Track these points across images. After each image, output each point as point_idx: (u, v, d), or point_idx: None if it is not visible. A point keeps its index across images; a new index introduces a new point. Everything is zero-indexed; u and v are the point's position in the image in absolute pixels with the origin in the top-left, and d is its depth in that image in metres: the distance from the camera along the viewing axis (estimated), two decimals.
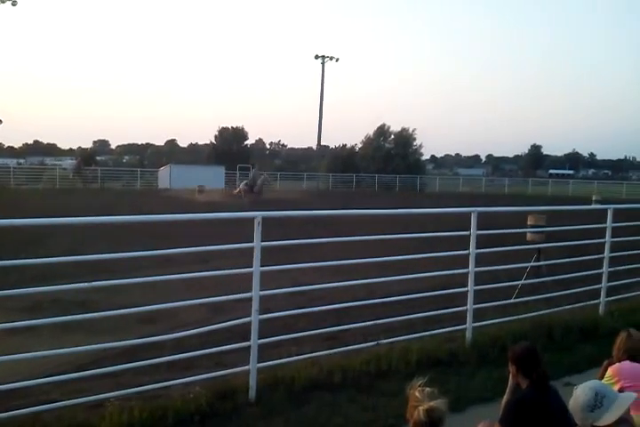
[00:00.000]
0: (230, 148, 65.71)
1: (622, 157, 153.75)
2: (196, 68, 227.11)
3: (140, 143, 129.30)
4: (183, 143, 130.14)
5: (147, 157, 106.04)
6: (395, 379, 5.17)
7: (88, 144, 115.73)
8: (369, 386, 5.25)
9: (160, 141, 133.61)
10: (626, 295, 8.36)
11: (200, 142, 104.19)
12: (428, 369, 5.50)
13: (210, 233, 12.83)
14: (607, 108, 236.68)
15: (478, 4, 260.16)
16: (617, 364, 3.96)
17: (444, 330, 6.45)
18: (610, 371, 3.91)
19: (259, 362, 4.96)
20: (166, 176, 46.02)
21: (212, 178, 43.26)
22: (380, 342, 6.00)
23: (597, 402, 2.49)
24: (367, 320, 6.11)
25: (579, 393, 2.58)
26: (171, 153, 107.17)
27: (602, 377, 3.96)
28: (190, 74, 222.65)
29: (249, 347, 4.89)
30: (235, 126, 68.76)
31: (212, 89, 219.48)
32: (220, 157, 61.05)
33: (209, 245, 5.31)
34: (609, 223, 7.76)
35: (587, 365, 5.74)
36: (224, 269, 5.29)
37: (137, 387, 4.61)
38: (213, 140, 68.95)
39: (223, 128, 68.40)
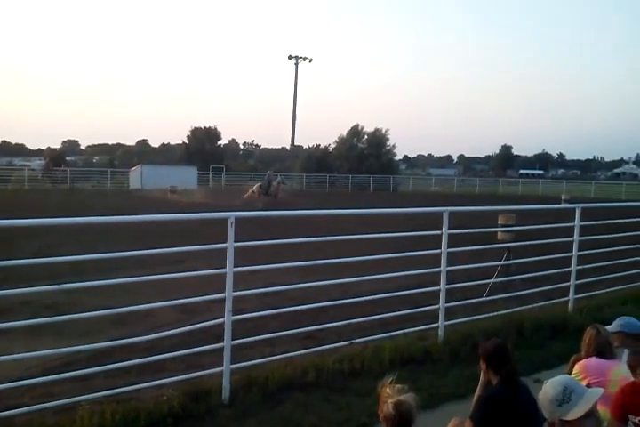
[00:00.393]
0: (203, 148, 65.20)
1: (591, 158, 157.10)
2: (169, 67, 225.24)
3: (110, 143, 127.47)
4: (155, 143, 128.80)
5: (117, 157, 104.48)
6: (368, 378, 5.21)
7: (57, 144, 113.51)
8: (343, 385, 5.28)
9: (131, 141, 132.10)
10: (594, 293, 8.53)
11: (172, 142, 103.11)
12: (401, 367, 5.57)
13: (191, 233, 12.72)
14: (576, 110, 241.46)
15: (451, 5, 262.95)
16: (583, 360, 4.03)
17: (416, 329, 6.51)
18: (577, 367, 3.98)
19: (232, 363, 4.94)
20: (137, 176, 45.47)
21: (185, 178, 42.88)
22: (353, 341, 6.03)
23: (566, 397, 2.53)
24: (341, 320, 6.13)
25: (548, 388, 2.61)
26: (142, 153, 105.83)
27: (570, 373, 4.04)
28: (162, 73, 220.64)
29: (222, 348, 4.87)
30: (207, 126, 68.29)
31: (184, 88, 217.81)
32: (193, 158, 60.56)
33: (184, 245, 5.28)
34: (577, 222, 7.92)
35: (556, 361, 5.84)
36: (198, 270, 5.26)
37: (108, 390, 4.55)
38: (186, 140, 68.29)
39: (196, 128, 67.82)
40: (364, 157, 58.14)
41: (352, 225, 14.14)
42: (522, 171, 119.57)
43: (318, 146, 66.96)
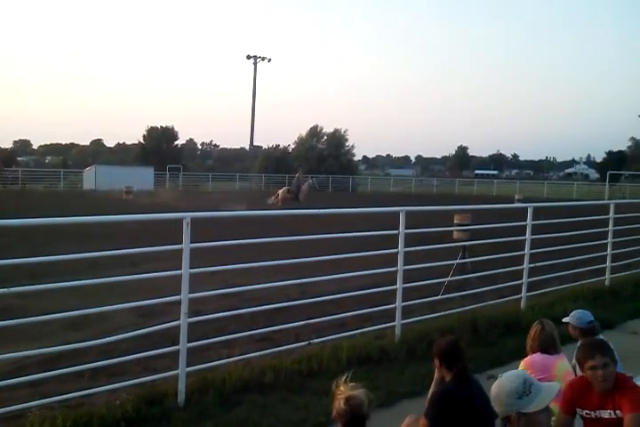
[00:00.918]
0: (160, 148, 64.32)
1: (543, 158, 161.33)
2: (124, 65, 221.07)
3: (63, 143, 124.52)
4: (110, 143, 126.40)
5: (71, 157, 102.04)
6: (326, 377, 5.21)
7: (8, 144, 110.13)
8: (300, 385, 5.28)
9: (85, 141, 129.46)
10: (545, 290, 8.77)
11: (128, 142, 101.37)
12: (358, 367, 5.60)
13: (150, 234, 12.50)
14: (529, 111, 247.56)
15: (410, 7, 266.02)
16: (528, 357, 4.12)
17: (374, 328, 6.56)
18: (522, 364, 4.07)
19: (188, 366, 4.88)
20: (92, 177, 44.46)
21: (141, 179, 42.15)
22: (311, 341, 6.04)
23: (526, 389, 2.51)
24: (299, 320, 6.14)
25: (504, 381, 2.59)
26: (96, 153, 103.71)
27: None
28: (118, 71, 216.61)
29: (178, 351, 4.81)
30: (164, 126, 67.37)
31: (140, 87, 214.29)
32: (149, 158, 59.67)
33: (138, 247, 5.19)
34: (529, 221, 8.12)
35: (509, 357, 5.96)
36: (154, 272, 5.18)
37: (61, 395, 4.44)
38: (142, 140, 67.22)
39: (152, 127, 66.84)
40: (323, 157, 58.32)
41: (311, 225, 14.17)
42: (477, 171, 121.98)
43: (278, 146, 66.95)
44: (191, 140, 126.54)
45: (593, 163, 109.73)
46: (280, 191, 26.30)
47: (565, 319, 4.57)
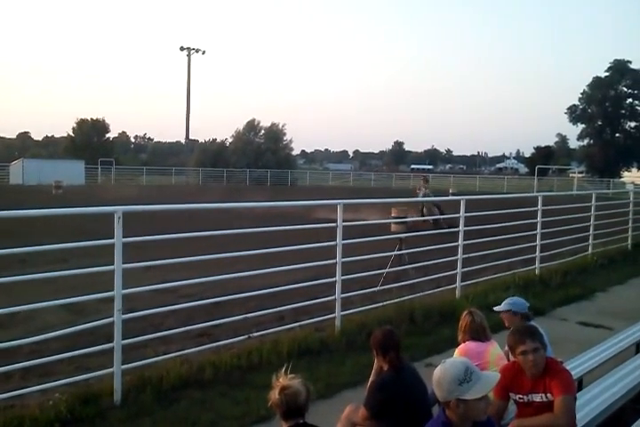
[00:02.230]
0: (90, 141, 62.23)
1: (475, 153, 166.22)
2: (53, 56, 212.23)
3: None
4: (37, 136, 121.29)
5: None
6: (266, 371, 5.16)
7: None
8: (241, 380, 5.23)
9: (11, 134, 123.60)
10: (479, 280, 9.04)
11: (56, 135, 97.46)
12: (299, 359, 5.60)
13: (79, 229, 12.05)
14: (462, 108, 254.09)
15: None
16: (462, 345, 4.21)
17: (314, 320, 6.58)
18: (457, 352, 4.17)
19: (124, 364, 4.75)
20: (19, 171, 42.62)
21: (71, 173, 40.70)
22: (251, 335, 6.00)
23: (467, 376, 2.58)
24: (238, 315, 6.07)
25: (447, 367, 2.64)
26: (23, 147, 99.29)
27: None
28: (46, 60, 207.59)
29: (113, 349, 4.67)
30: (95, 118, 65.18)
31: (69, 78, 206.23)
32: (79, 151, 57.64)
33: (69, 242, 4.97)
34: (462, 213, 8.34)
35: (445, 346, 6.10)
36: (85, 268, 4.99)
37: None
38: (71, 133, 64.80)
39: (82, 120, 64.54)
40: (261, 151, 57.98)
41: (250, 219, 14.04)
42: (413, 166, 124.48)
43: (215, 140, 66.00)
44: (124, 133, 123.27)
45: (522, 158, 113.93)
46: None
47: (499, 308, 4.65)
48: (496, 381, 2.66)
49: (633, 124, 59.91)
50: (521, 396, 3.40)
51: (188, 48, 58.10)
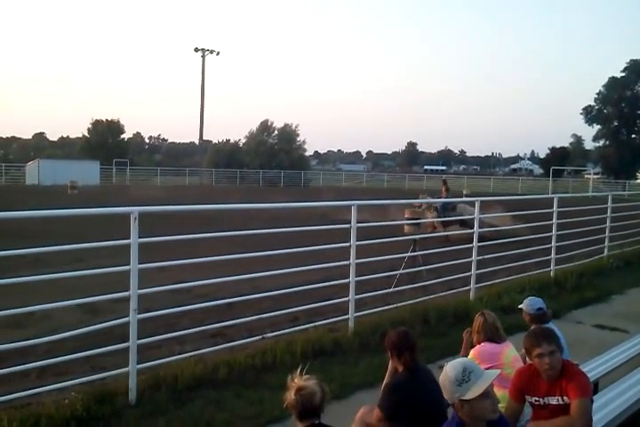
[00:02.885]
0: (105, 141, 62.69)
1: (489, 154, 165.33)
2: (68, 57, 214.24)
3: (4, 137, 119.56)
4: (53, 137, 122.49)
5: (12, 151, 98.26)
6: (280, 371, 5.19)
7: None
8: (255, 380, 5.25)
9: (27, 135, 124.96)
10: (493, 281, 8.99)
11: (72, 136, 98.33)
12: (313, 360, 5.61)
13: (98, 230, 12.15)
14: (476, 108, 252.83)
15: (355, 3, 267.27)
16: (477, 347, 4.20)
17: (327, 321, 6.59)
18: (471, 354, 4.15)
19: (139, 363, 4.78)
20: (34, 172, 43.06)
21: (86, 173, 41.04)
22: (265, 335, 6.02)
23: (465, 377, 2.61)
24: (252, 315, 6.09)
25: (448, 369, 2.69)
26: (39, 147, 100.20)
27: (465, 354, 4.22)
28: (61, 62, 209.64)
29: (128, 348, 4.70)
30: (110, 119, 65.62)
31: (84, 79, 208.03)
32: (94, 152, 58.07)
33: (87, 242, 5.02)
34: (477, 214, 8.30)
35: (459, 348, 6.06)
36: (101, 268, 5.03)
37: (5, 395, 4.27)
38: (86, 134, 65.31)
39: (97, 120, 65.01)
40: (274, 152, 58.09)
41: (264, 220, 14.08)
42: (426, 167, 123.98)
43: (228, 141, 66.25)
44: (138, 133, 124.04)
45: (537, 159, 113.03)
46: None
47: (520, 306, 4.71)
48: (493, 378, 2.65)
49: None
50: (537, 398, 3.38)
51: (203, 49, 58.33)
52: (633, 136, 59.36)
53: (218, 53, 59.29)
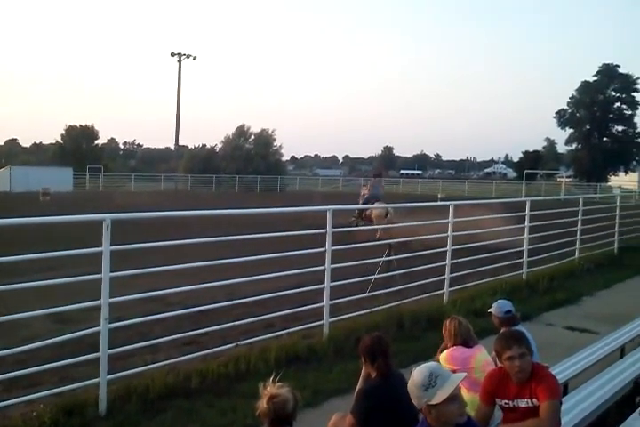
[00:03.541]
0: (79, 147, 61.91)
1: (464, 158, 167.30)
2: (40, 60, 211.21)
3: None
4: (25, 143, 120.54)
5: None
6: (254, 379, 5.13)
7: None
8: (228, 388, 5.21)
9: None
10: (466, 285, 9.07)
11: (45, 142, 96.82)
12: (286, 367, 5.59)
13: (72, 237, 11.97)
14: (451, 113, 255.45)
15: (337, 4, 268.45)
16: (448, 351, 4.23)
17: (302, 327, 6.57)
18: (442, 358, 4.19)
19: (110, 373, 4.72)
20: (5, 179, 42.23)
21: (59, 180, 40.42)
22: (238, 343, 5.98)
23: (432, 381, 2.64)
24: (226, 322, 6.05)
25: (415, 374, 2.71)
26: (11, 154, 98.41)
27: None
28: (34, 66, 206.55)
29: (99, 358, 4.64)
30: (84, 124, 64.86)
31: (58, 85, 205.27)
32: (68, 158, 57.27)
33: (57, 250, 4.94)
34: (450, 218, 8.37)
35: (433, 351, 6.05)
36: (73, 277, 4.95)
37: None
38: (60, 140, 64.46)
39: (71, 126, 64.24)
40: (250, 157, 57.93)
41: (239, 225, 13.99)
42: (402, 171, 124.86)
43: (204, 146, 65.91)
44: (113, 139, 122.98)
45: (510, 162, 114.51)
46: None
47: (490, 309, 4.76)
48: (459, 381, 2.68)
49: (620, 128, 60.46)
50: (507, 401, 3.41)
51: (179, 54, 57.94)
52: (605, 139, 60.47)
53: (194, 58, 58.94)
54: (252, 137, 60.22)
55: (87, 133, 64.35)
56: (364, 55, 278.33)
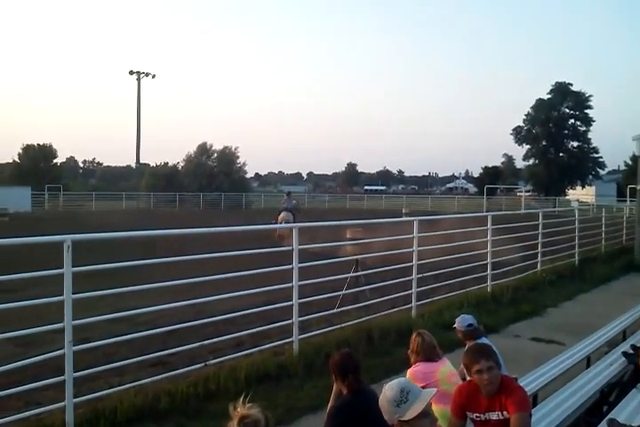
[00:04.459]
0: (37, 166, 60.54)
1: (426, 174, 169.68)
2: None
3: None
4: None
5: None
6: (225, 398, 5.08)
7: None
8: (198, 409, 5.13)
9: None
10: (433, 298, 9.16)
11: (1, 161, 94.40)
12: (257, 385, 5.54)
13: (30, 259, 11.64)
14: (413, 129, 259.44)
15: (299, 20, 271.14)
16: (412, 368, 4.24)
17: (272, 344, 6.53)
18: (408, 374, 4.21)
19: (76, 396, 4.59)
20: None
21: (17, 200, 39.35)
22: (208, 362, 5.89)
23: (403, 397, 2.65)
24: (194, 342, 5.96)
25: (386, 390, 2.72)
26: None
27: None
28: None
29: (64, 381, 4.51)
30: (42, 143, 63.55)
31: (14, 102, 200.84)
32: (26, 177, 55.87)
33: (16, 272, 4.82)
34: (415, 233, 8.47)
35: (403, 366, 6.07)
36: (34, 299, 4.82)
37: None
38: (17, 159, 62.98)
39: (28, 145, 62.80)
40: (214, 174, 57.63)
41: (204, 244, 13.86)
42: (366, 187, 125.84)
43: (166, 164, 65.22)
44: (72, 158, 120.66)
45: (471, 177, 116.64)
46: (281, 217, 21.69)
47: (455, 325, 4.82)
48: (429, 397, 2.69)
49: (575, 143, 62.18)
50: (478, 415, 3.44)
51: (138, 72, 57.62)
52: (560, 154, 62.09)
53: (154, 76, 58.72)
54: (215, 154, 60.00)
55: (45, 152, 63.00)
56: (328, 71, 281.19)
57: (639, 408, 4.20)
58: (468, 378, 3.58)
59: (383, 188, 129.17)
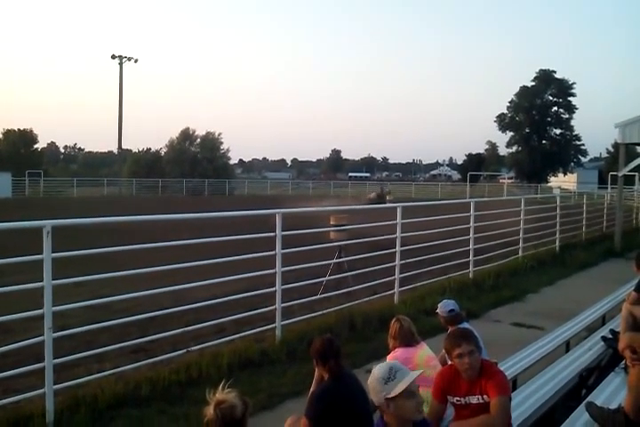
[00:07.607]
0: (17, 152, 59.74)
1: (411, 161, 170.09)
2: None
3: None
4: None
5: None
6: (207, 385, 4.99)
7: None
8: (180, 396, 5.11)
9: None
10: (416, 284, 9.20)
11: None
12: (239, 371, 5.54)
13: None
14: (398, 116, 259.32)
15: (283, 5, 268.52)
16: (391, 354, 4.28)
17: (254, 331, 6.52)
18: (387, 360, 4.23)
19: (56, 384, 4.55)
20: None
21: None
22: (189, 349, 5.87)
23: (391, 375, 2.70)
24: (176, 329, 5.93)
25: (375, 370, 2.78)
26: None
27: None
28: None
29: (44, 368, 4.46)
30: (22, 128, 62.64)
31: None
32: (6, 163, 55.05)
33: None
34: (399, 220, 8.48)
35: (384, 352, 6.09)
36: (12, 286, 4.75)
37: None
38: None
39: (8, 130, 62.00)
40: (197, 161, 57.23)
41: (187, 230, 13.77)
42: (351, 174, 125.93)
43: (149, 150, 64.63)
44: (53, 143, 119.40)
45: (455, 165, 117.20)
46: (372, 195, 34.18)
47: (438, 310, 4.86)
48: (416, 376, 2.74)
49: (558, 131, 62.60)
50: (458, 398, 3.47)
51: (120, 56, 56.69)
52: (543, 142, 62.52)
53: (136, 61, 57.79)
54: (198, 140, 59.51)
55: (26, 137, 62.17)
56: (313, 57, 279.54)
57: (617, 392, 4.25)
58: (449, 362, 3.60)
59: (367, 175, 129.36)
